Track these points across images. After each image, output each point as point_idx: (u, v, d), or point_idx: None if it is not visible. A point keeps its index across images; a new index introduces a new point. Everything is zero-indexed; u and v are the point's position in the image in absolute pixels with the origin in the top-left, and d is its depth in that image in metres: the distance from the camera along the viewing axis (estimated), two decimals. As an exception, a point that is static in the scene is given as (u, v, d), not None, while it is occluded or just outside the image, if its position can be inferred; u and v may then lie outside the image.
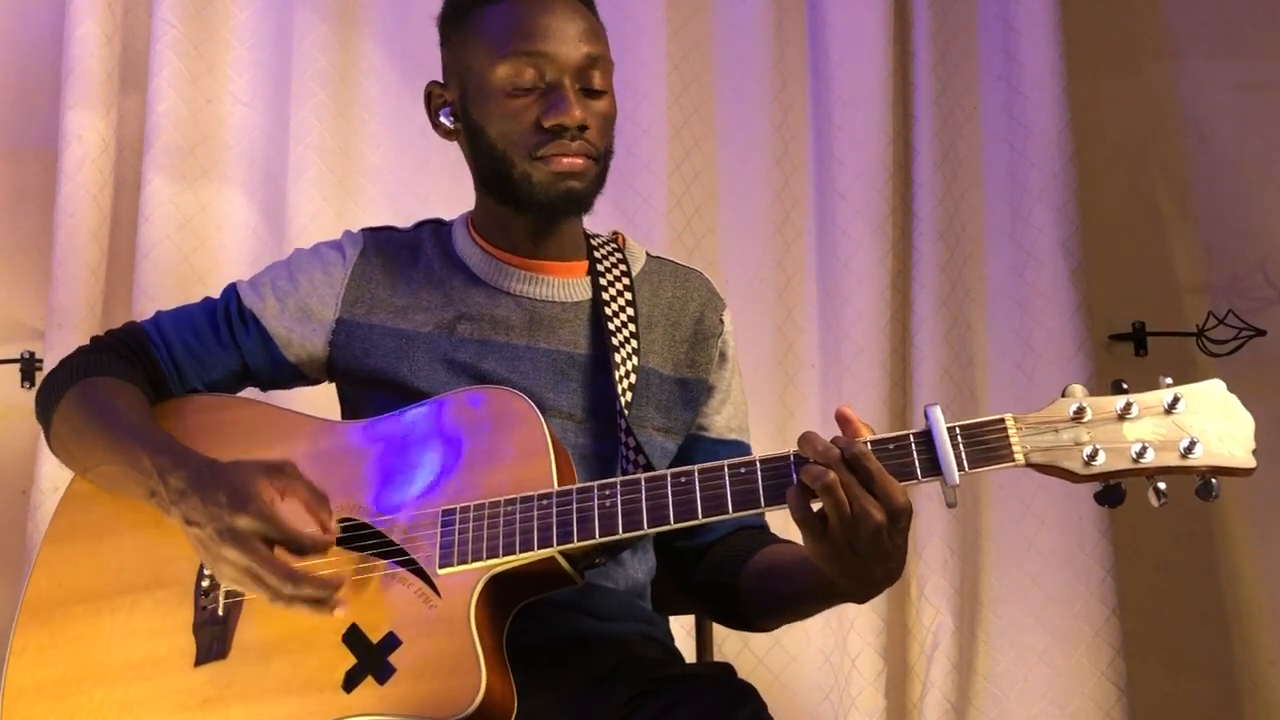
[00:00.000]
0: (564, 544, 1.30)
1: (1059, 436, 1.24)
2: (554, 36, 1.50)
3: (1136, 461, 1.22)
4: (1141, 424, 1.23)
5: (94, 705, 1.34)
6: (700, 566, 1.58)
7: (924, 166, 2.53)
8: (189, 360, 1.56)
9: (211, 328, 1.57)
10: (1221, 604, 2.64)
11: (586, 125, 1.49)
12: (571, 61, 1.50)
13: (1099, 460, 1.22)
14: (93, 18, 2.29)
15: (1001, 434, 1.24)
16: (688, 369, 1.61)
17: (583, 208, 1.54)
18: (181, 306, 1.62)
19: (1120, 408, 1.23)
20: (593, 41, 1.52)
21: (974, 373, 2.55)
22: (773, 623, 1.57)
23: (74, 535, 1.46)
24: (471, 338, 1.53)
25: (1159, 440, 1.22)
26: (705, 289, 1.67)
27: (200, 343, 1.56)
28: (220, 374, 1.58)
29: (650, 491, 1.31)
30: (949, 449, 1.24)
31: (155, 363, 1.56)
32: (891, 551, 1.24)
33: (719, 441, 1.63)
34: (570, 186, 1.50)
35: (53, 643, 1.39)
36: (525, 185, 1.50)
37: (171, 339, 1.57)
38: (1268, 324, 2.63)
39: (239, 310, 1.57)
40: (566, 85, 1.49)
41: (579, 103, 1.49)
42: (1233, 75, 2.78)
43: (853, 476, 1.21)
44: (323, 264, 1.59)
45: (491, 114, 1.51)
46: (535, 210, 1.52)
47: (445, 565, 1.32)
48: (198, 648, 1.35)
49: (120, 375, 1.52)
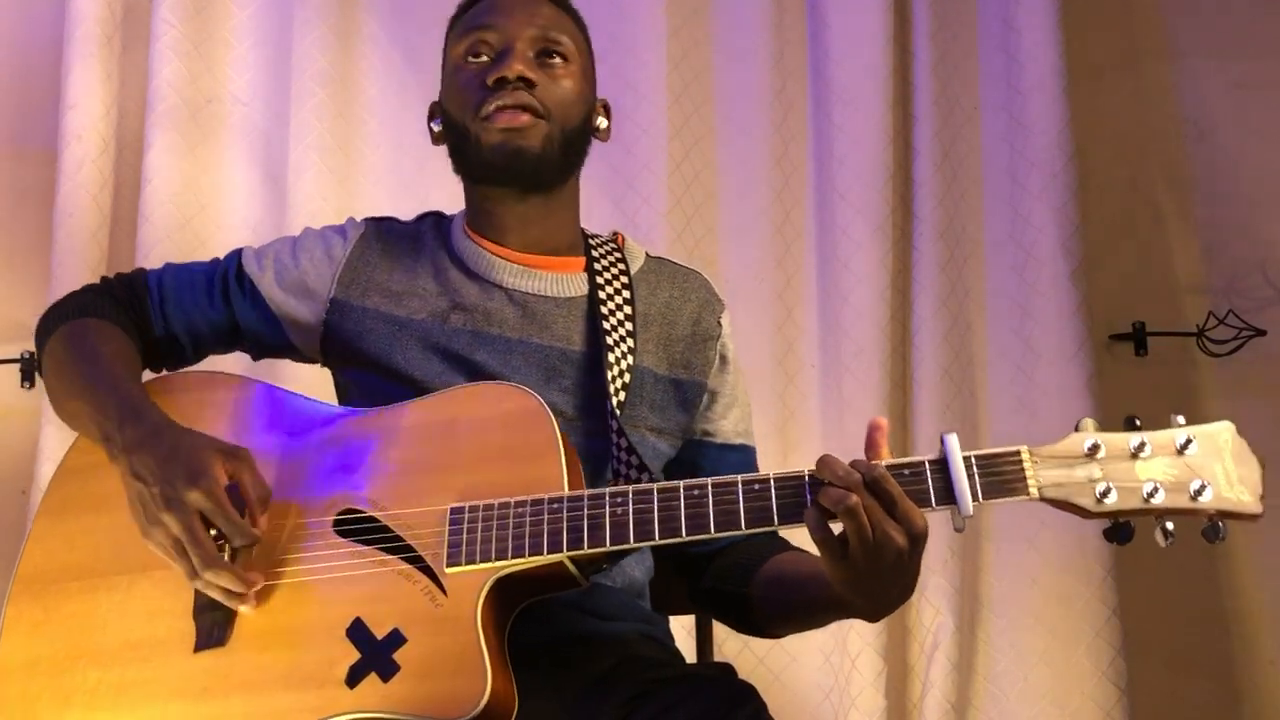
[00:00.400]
0: (574, 550, 1.30)
1: (1073, 473, 1.25)
2: (506, 12, 1.55)
3: (1147, 501, 1.23)
4: (1154, 464, 1.25)
5: (89, 686, 1.33)
6: (708, 573, 1.58)
7: (924, 166, 2.53)
8: (177, 311, 1.59)
9: (207, 285, 1.60)
10: (1221, 604, 2.63)
11: (530, 80, 1.50)
12: (521, 29, 1.53)
13: (1110, 498, 1.24)
14: (92, 18, 2.29)
15: (1017, 467, 1.25)
16: (683, 370, 1.60)
17: (535, 173, 1.53)
18: (191, 262, 1.66)
19: (1134, 446, 1.25)
20: (553, 20, 1.56)
21: (974, 373, 2.55)
22: (783, 630, 1.57)
23: (68, 510, 1.45)
24: (464, 328, 1.53)
25: (1170, 481, 1.24)
26: (704, 290, 1.66)
27: (193, 297, 1.59)
28: (205, 329, 1.60)
29: (663, 503, 1.30)
30: (964, 479, 1.24)
31: (145, 311, 1.59)
32: (909, 572, 1.25)
33: (726, 447, 1.63)
34: (517, 145, 1.50)
35: (47, 619, 1.37)
36: (476, 150, 1.52)
37: (168, 290, 1.60)
38: (1268, 324, 2.63)
39: (238, 273, 1.60)
40: (515, 48, 1.52)
41: (526, 62, 1.51)
42: (1233, 75, 2.78)
43: (875, 501, 1.22)
44: (325, 244, 1.61)
45: (450, 89, 1.58)
46: (487, 177, 1.54)
47: (453, 564, 1.31)
48: (198, 633, 1.34)
49: (113, 320, 1.56)
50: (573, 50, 1.57)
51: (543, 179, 1.54)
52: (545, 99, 1.51)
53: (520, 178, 1.53)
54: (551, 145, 1.52)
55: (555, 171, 1.54)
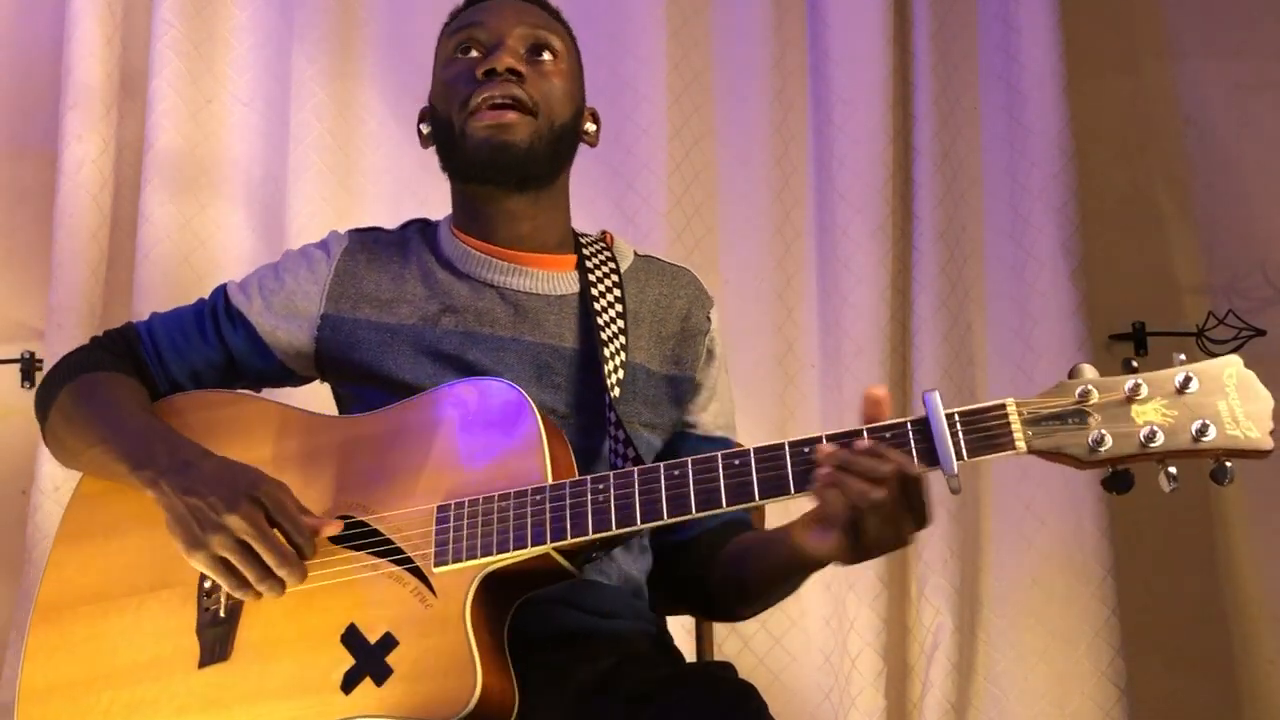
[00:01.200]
0: (557, 540, 1.30)
1: (1063, 421, 1.18)
2: (496, 12, 1.57)
3: (1145, 446, 1.16)
4: (1151, 406, 1.17)
5: (103, 707, 1.35)
6: (681, 561, 1.59)
7: (924, 166, 2.53)
8: (174, 357, 1.58)
9: (198, 326, 1.59)
10: (1221, 604, 2.64)
11: (519, 72, 1.51)
12: (511, 27, 1.55)
13: (1105, 446, 1.17)
14: (92, 18, 2.29)
15: (1003, 420, 1.20)
16: (674, 366, 1.61)
17: (522, 167, 1.52)
18: (176, 308, 1.65)
19: (1129, 389, 1.18)
20: (544, 27, 1.57)
21: (974, 373, 2.55)
22: (750, 603, 1.56)
23: (82, 536, 1.47)
24: (455, 329, 1.53)
25: (1169, 423, 1.16)
26: (693, 286, 1.67)
27: (186, 340, 1.59)
28: (204, 368, 1.59)
29: (643, 485, 1.30)
30: (947, 438, 1.21)
31: (142, 359, 1.58)
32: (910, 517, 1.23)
33: (705, 438, 1.63)
34: (503, 140, 1.50)
35: (63, 644, 1.40)
36: (462, 145, 1.52)
37: (159, 337, 1.59)
38: (1268, 324, 2.63)
39: (226, 308, 1.59)
40: (506, 43, 1.53)
41: (515, 56, 1.52)
42: (1233, 75, 2.78)
43: (856, 470, 1.21)
44: (308, 262, 1.60)
45: (439, 85, 1.58)
46: (474, 173, 1.53)
47: (441, 563, 1.32)
48: (201, 649, 1.36)
49: (115, 369, 1.56)
50: (562, 50, 1.58)
51: (529, 175, 1.53)
52: (533, 93, 1.52)
53: (507, 173, 1.52)
54: (539, 141, 1.52)
55: (542, 167, 1.54)
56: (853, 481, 1.21)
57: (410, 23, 2.44)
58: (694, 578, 1.57)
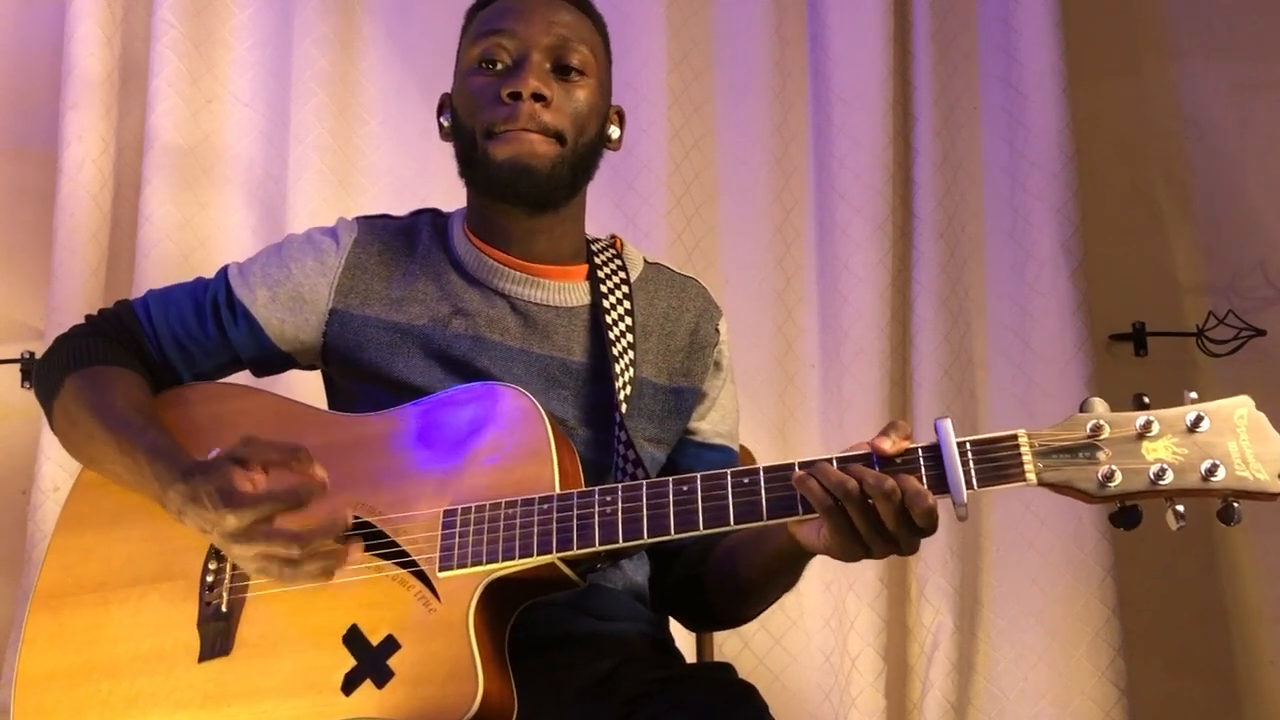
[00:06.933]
0: (563, 551, 1.29)
1: (1074, 455, 1.19)
2: (524, 17, 1.52)
3: (1155, 483, 1.17)
4: (1161, 443, 1.19)
5: (101, 697, 1.35)
6: (676, 564, 1.59)
7: (924, 166, 2.53)
8: (178, 353, 1.56)
9: (199, 320, 1.56)
10: (1221, 604, 2.64)
11: (545, 97, 1.48)
12: (538, 38, 1.50)
13: (1115, 481, 1.18)
14: (93, 18, 2.29)
15: (1014, 451, 1.21)
16: (682, 378, 1.60)
17: (543, 195, 1.50)
18: (172, 288, 1.61)
19: (1140, 425, 1.19)
20: (571, 27, 1.53)
21: (974, 373, 2.55)
22: (747, 600, 1.55)
23: (84, 524, 1.46)
24: (465, 333, 1.52)
25: (1179, 461, 1.17)
26: (701, 298, 1.65)
27: (189, 335, 1.56)
28: (209, 366, 1.58)
29: (651, 500, 1.29)
30: (958, 466, 1.21)
31: (141, 343, 1.56)
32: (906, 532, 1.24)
33: (705, 445, 1.63)
34: (526, 164, 1.47)
35: (62, 632, 1.39)
36: (484, 165, 1.50)
37: (161, 329, 1.56)
38: (1268, 324, 2.63)
39: (228, 300, 1.56)
40: (531, 59, 1.49)
41: (541, 77, 1.49)
42: (1233, 75, 2.78)
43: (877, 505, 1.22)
44: (316, 250, 1.57)
45: (462, 94, 1.54)
46: (494, 193, 1.51)
47: (445, 569, 1.31)
48: (202, 644, 1.35)
49: (119, 363, 1.52)
50: (590, 61, 1.54)
51: (550, 199, 1.52)
52: (559, 117, 1.49)
53: (527, 198, 1.50)
54: (561, 166, 1.50)
55: (563, 191, 1.52)
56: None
57: (410, 24, 2.44)
58: (691, 578, 1.57)
